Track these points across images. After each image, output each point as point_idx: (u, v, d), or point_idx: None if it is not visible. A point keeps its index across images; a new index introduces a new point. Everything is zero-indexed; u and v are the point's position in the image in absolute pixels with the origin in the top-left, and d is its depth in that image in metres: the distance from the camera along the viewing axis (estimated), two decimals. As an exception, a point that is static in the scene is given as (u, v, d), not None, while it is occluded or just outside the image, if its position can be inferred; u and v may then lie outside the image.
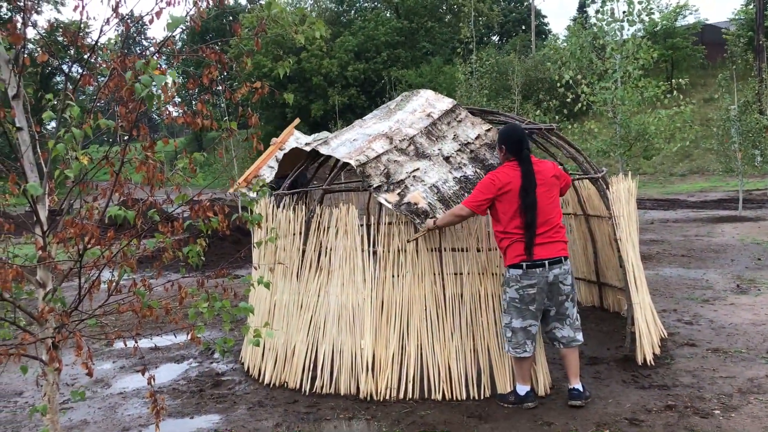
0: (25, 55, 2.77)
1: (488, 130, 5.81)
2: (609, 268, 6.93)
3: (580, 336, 4.70)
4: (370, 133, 5.83)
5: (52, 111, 2.78)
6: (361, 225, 5.24)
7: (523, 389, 4.65)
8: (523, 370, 4.67)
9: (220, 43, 3.10)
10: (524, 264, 4.49)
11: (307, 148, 6.13)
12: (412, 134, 5.66)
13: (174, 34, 2.69)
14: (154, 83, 2.44)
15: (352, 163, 5.21)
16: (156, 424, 2.97)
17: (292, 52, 37.77)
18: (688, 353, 5.61)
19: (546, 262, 4.49)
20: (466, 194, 5.09)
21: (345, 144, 5.71)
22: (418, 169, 5.29)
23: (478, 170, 5.37)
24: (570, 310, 4.65)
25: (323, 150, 5.73)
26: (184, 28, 2.76)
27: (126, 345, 3.13)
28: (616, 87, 13.24)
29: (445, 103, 6.26)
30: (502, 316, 4.76)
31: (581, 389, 4.61)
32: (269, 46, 38.37)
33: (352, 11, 49.43)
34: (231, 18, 45.77)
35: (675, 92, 13.68)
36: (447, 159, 5.46)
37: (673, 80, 13.78)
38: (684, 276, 8.96)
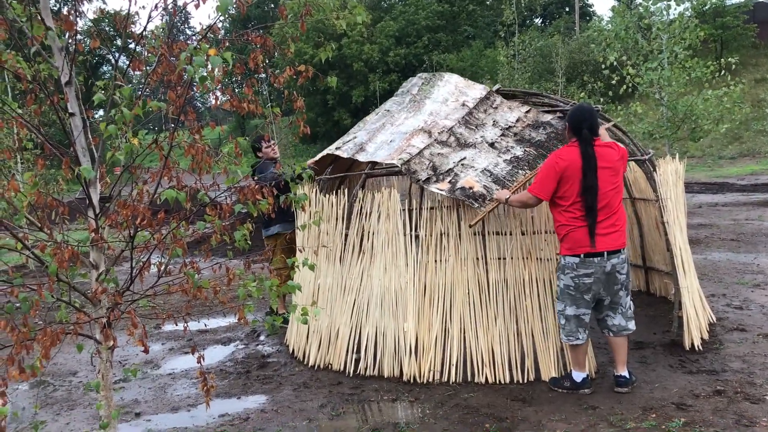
0: (77, 42, 2.84)
1: (527, 112, 5.74)
2: (656, 252, 6.82)
3: (632, 325, 4.61)
4: (405, 130, 5.74)
5: (103, 94, 2.85)
6: (403, 210, 5.24)
7: (579, 375, 4.59)
8: (579, 357, 4.61)
9: (262, 30, 3.14)
10: (582, 253, 4.38)
11: (339, 153, 5.89)
12: (450, 125, 5.61)
13: (221, 17, 2.73)
14: (208, 65, 2.49)
15: (396, 163, 5.14)
16: (206, 402, 3.05)
17: (333, 38, 37.80)
18: (738, 338, 5.50)
19: (605, 252, 4.37)
20: (520, 172, 5.01)
21: (383, 147, 5.59)
22: (465, 158, 5.23)
23: (527, 149, 5.30)
24: (623, 299, 4.55)
25: (361, 157, 5.61)
26: (227, 16, 2.80)
27: (177, 325, 3.21)
28: (662, 68, 12.96)
29: (477, 90, 6.19)
30: (556, 303, 4.72)
31: (628, 376, 4.56)
32: (310, 33, 38.47)
33: (393, -4, 49.16)
34: (272, 5, 46.03)
35: (724, 72, 13.29)
36: (492, 145, 5.40)
37: (722, 60, 13.35)
38: (733, 260, 8.75)
